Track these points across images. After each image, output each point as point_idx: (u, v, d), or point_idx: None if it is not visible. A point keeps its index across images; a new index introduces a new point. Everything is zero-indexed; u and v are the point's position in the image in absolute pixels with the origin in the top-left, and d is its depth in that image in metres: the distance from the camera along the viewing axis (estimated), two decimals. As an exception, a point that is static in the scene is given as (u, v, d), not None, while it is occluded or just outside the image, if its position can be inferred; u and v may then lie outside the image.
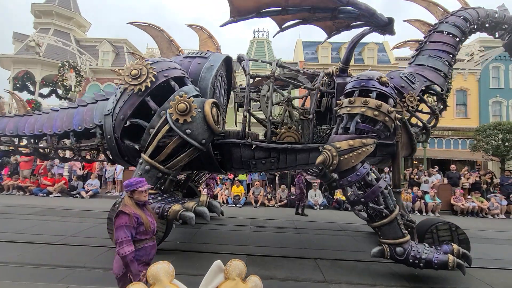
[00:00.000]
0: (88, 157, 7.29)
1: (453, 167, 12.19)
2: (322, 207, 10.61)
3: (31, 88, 16.33)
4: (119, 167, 12.10)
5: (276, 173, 12.24)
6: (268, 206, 10.59)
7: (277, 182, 12.31)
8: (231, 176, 12.20)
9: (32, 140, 5.51)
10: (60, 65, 14.27)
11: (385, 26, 3.89)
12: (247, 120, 4.85)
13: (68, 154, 8.85)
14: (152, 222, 2.58)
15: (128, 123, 4.14)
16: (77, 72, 14.83)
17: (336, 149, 3.89)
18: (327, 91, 4.93)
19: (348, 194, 4.22)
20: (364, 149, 3.91)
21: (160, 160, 3.97)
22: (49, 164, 12.42)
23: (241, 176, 11.99)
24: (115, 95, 4.73)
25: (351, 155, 3.88)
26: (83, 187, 11.57)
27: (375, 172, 4.15)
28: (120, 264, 2.41)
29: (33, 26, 18.24)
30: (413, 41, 5.95)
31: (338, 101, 4.42)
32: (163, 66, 4.18)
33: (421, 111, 5.11)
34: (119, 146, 4.74)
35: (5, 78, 15.83)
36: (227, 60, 5.29)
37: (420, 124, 5.14)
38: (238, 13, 3.96)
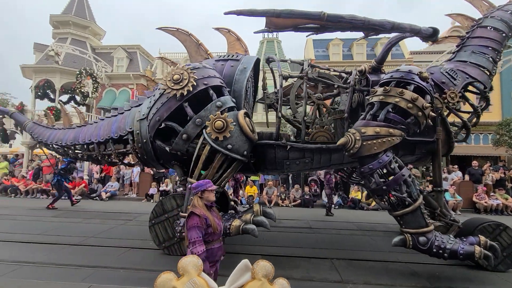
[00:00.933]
0: (131, 161, 7.62)
1: (474, 163, 11.70)
2: (337, 206, 10.47)
3: (52, 96, 17.07)
4: (136, 170, 12.44)
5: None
6: (282, 206, 10.56)
7: (290, 182, 12.24)
8: (242, 178, 12.25)
9: (85, 147, 5.86)
10: (78, 72, 14.83)
11: (430, 37, 3.92)
12: (281, 121, 4.85)
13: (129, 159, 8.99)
14: (219, 224, 2.64)
15: (163, 125, 4.20)
16: (94, 79, 15.37)
17: (361, 134, 3.87)
18: (361, 89, 4.84)
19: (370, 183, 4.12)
20: (389, 139, 3.84)
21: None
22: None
23: (253, 177, 12.02)
24: (150, 100, 4.86)
25: (374, 141, 3.83)
26: (102, 189, 11.96)
27: (398, 161, 4.03)
28: None
29: (52, 36, 19.04)
30: (455, 36, 5.79)
31: (372, 89, 4.38)
32: (203, 73, 4.19)
33: (459, 110, 4.88)
34: (155, 149, 4.89)
35: (27, 87, 16.64)
36: (256, 62, 5.33)
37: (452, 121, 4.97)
38: (275, 26, 3.98)
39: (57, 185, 9.36)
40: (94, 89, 15.45)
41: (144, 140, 4.88)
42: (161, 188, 11.54)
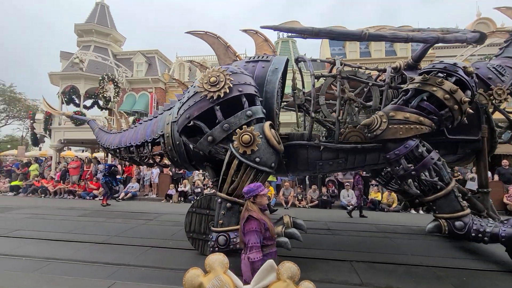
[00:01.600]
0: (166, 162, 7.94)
1: (505, 162, 11.01)
2: (356, 208, 10.21)
3: (77, 101, 17.92)
4: (155, 172, 12.81)
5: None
6: (298, 206, 10.46)
7: (307, 182, 12.10)
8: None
9: (127, 150, 6.21)
10: (101, 78, 15.50)
11: (477, 42, 3.87)
12: (313, 121, 4.80)
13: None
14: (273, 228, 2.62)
15: (191, 123, 4.22)
16: (115, 84, 16.00)
17: (388, 116, 3.77)
18: (397, 87, 4.71)
19: (398, 169, 4.01)
20: (417, 127, 3.72)
21: (239, 195, 3.91)
22: (94, 169, 13.53)
23: (270, 177, 11.99)
24: (180, 100, 4.97)
25: (401, 126, 3.73)
26: (124, 190, 12.40)
27: (426, 144, 3.90)
28: (249, 269, 2.36)
29: (77, 44, 20.03)
30: (503, 31, 5.55)
31: (409, 77, 4.27)
32: (240, 79, 4.14)
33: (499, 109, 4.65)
34: (187, 151, 4.98)
35: (55, 93, 17.59)
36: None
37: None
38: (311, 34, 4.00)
39: (104, 185, 10.41)
40: (116, 94, 16.07)
41: (177, 142, 5.00)
42: (179, 189, 11.80)
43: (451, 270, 4.15)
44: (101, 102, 17.20)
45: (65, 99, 17.21)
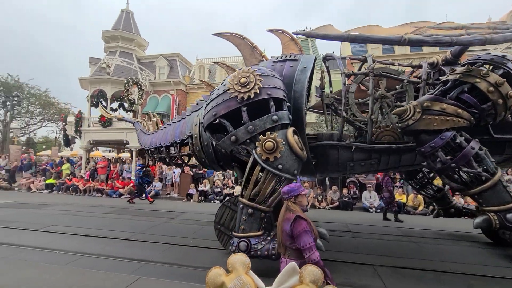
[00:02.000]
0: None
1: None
2: (378, 210, 9.87)
3: (104, 104, 18.90)
4: (177, 171, 13.18)
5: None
6: (318, 208, 10.29)
7: (327, 183, 11.88)
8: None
9: (157, 151, 6.39)
10: (126, 82, 16.23)
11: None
12: (344, 121, 4.68)
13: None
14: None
15: (217, 120, 4.20)
16: (139, 87, 16.67)
17: (422, 106, 3.59)
18: (435, 83, 4.48)
19: (436, 161, 3.80)
20: (454, 119, 3.50)
21: (261, 201, 3.93)
22: (119, 169, 14.17)
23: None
24: (209, 97, 5.10)
25: (436, 117, 3.54)
26: (147, 189, 12.86)
27: (464, 134, 3.66)
28: None
29: (104, 50, 21.12)
30: None
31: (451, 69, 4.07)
32: (269, 82, 4.05)
33: None
34: (215, 152, 5.04)
35: (84, 96, 18.66)
36: None
37: None
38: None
39: (138, 186, 11.07)
40: (140, 96, 16.74)
41: (205, 143, 5.06)
42: (199, 189, 12.04)
43: (484, 279, 3.88)
44: (126, 105, 17.98)
45: (94, 102, 18.19)
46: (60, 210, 8.89)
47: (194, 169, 12.93)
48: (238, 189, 11.46)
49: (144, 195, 11.09)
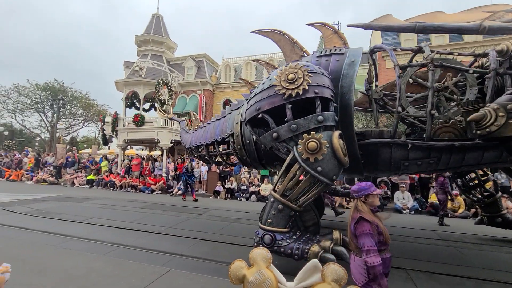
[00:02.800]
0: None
1: None
2: (412, 212, 9.33)
3: (137, 105, 20.00)
4: (204, 169, 13.55)
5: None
6: (347, 208, 9.97)
7: (356, 181, 11.46)
8: (301, 177, 12.00)
9: (197, 149, 6.51)
10: (156, 83, 17.00)
11: None
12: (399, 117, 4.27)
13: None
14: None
15: (260, 115, 4.07)
16: (169, 88, 17.37)
17: (506, 110, 3.19)
18: (507, 73, 4.02)
19: None
20: None
21: (292, 199, 3.88)
22: (151, 166, 14.91)
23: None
24: (247, 99, 5.13)
25: None
26: (177, 185, 13.40)
27: None
28: (361, 272, 2.29)
29: (137, 54, 22.33)
30: None
31: None
32: (318, 80, 3.86)
33: None
34: (258, 150, 5.00)
35: (119, 98, 19.89)
36: None
37: None
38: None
39: (183, 183, 11.64)
40: (170, 97, 17.45)
41: (248, 141, 5.02)
42: (226, 186, 12.28)
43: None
44: (157, 105, 18.85)
45: (128, 103, 19.32)
46: (99, 204, 9.60)
47: (221, 167, 13.21)
48: (263, 187, 11.50)
49: (190, 191, 11.52)
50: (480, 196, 6.08)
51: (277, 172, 5.29)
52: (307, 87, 3.73)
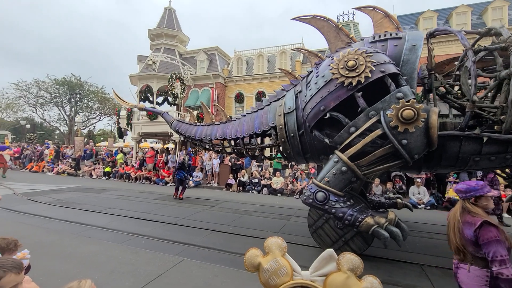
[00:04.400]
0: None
1: None
2: (428, 207, 9.11)
3: (151, 99, 20.35)
4: (216, 162, 13.70)
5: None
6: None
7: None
8: (313, 170, 11.96)
9: (232, 142, 6.24)
10: (169, 77, 17.18)
11: None
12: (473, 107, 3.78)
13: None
14: None
15: (327, 115, 3.85)
16: (181, 81, 17.52)
17: None
18: None
19: None
20: None
21: (361, 165, 3.65)
22: (165, 159, 15.21)
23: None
24: (287, 89, 5.02)
25: None
26: (191, 178, 13.64)
27: None
28: (480, 284, 2.04)
29: (150, 48, 22.58)
30: None
31: None
32: (378, 59, 3.64)
33: None
34: (302, 143, 4.79)
35: (134, 92, 20.30)
36: None
37: None
38: None
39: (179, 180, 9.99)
40: (182, 90, 17.62)
41: (292, 134, 4.78)
42: (238, 179, 12.38)
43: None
44: (170, 99, 19.10)
45: (142, 97, 19.67)
46: (116, 195, 9.94)
47: (233, 160, 13.32)
48: (275, 180, 11.53)
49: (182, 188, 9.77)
50: None
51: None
52: (374, 68, 3.49)
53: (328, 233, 4.48)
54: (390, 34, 4.17)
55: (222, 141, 6.45)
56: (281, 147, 5.16)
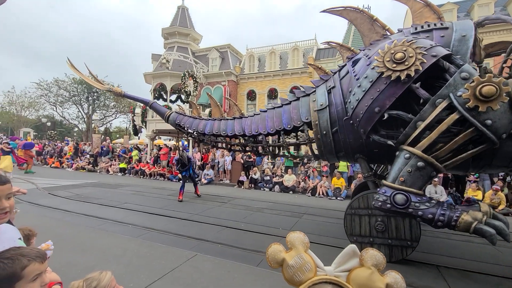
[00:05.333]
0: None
1: None
2: (445, 207, 8.81)
3: (164, 96, 20.73)
4: (228, 159, 13.80)
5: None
6: (373, 201, 9.66)
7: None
8: (325, 168, 11.82)
9: (252, 139, 5.84)
10: (182, 75, 17.41)
11: None
12: None
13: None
14: None
15: (385, 116, 3.56)
16: (194, 79, 17.72)
17: None
18: None
19: None
20: None
21: (439, 157, 3.34)
22: (178, 156, 15.47)
23: (341, 168, 11.43)
24: (317, 85, 4.85)
25: None
26: (202, 175, 13.82)
27: None
28: None
29: (164, 47, 22.94)
30: None
31: None
32: (425, 44, 3.44)
33: None
34: (335, 141, 4.64)
35: (148, 90, 20.72)
36: None
37: None
38: None
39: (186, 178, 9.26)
40: (195, 88, 17.83)
41: (324, 132, 4.61)
42: (250, 176, 12.43)
43: None
44: (183, 96, 19.36)
45: (156, 95, 20.05)
46: (131, 191, 10.22)
47: (245, 157, 13.37)
48: (287, 178, 11.49)
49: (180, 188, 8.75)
50: None
51: (360, 165, 4.65)
52: (424, 58, 3.27)
53: (361, 225, 4.17)
54: (435, 24, 3.87)
55: (240, 138, 6.03)
56: (316, 144, 4.90)
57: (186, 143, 16.62)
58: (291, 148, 5.83)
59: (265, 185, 11.92)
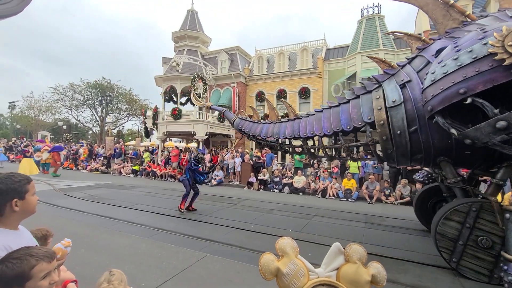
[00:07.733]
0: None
1: None
2: (461, 209, 8.52)
3: (175, 99, 21.03)
4: (238, 160, 13.84)
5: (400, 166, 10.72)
6: (385, 202, 9.48)
7: (400, 177, 10.78)
8: (335, 169, 11.66)
9: (306, 141, 5.59)
10: (192, 77, 17.62)
11: None
12: None
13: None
14: None
15: (468, 100, 3.10)
16: (204, 81, 17.90)
17: None
18: None
19: None
20: None
21: None
22: (188, 157, 15.63)
23: (352, 169, 11.26)
24: (381, 80, 4.40)
25: None
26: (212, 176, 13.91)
27: None
28: None
29: (174, 50, 23.29)
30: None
31: None
32: None
33: None
34: (413, 143, 4.03)
35: (159, 93, 21.06)
36: None
37: None
38: None
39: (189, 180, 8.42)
40: (204, 90, 18.01)
41: (398, 132, 4.04)
42: (259, 177, 12.42)
43: None
44: (192, 94, 19.60)
45: (166, 97, 20.38)
46: (143, 192, 10.39)
47: (254, 159, 13.37)
48: (297, 179, 11.41)
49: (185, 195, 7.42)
50: None
51: (443, 171, 4.16)
52: None
53: (455, 230, 3.69)
54: None
55: (292, 140, 5.84)
56: (381, 146, 4.36)
57: (206, 150, 16.82)
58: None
59: (274, 186, 11.88)
